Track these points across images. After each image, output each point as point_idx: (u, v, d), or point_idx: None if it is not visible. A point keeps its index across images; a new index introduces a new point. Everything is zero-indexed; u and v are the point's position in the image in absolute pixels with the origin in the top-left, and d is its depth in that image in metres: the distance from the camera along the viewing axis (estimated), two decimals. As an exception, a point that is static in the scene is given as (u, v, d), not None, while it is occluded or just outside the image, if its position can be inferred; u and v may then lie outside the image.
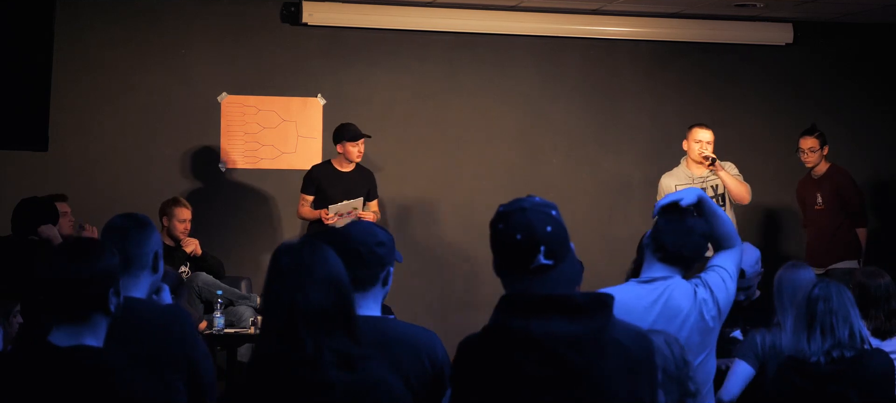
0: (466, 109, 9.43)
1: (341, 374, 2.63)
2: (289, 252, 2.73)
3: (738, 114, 9.78)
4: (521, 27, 9.38)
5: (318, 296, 2.67)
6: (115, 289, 2.85)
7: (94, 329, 2.82)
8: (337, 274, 2.72)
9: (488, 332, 2.72)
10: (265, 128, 9.12)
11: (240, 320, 7.72)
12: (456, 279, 9.31)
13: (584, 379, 2.64)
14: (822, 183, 8.47)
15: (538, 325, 2.63)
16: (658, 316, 3.78)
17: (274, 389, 2.66)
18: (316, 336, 2.64)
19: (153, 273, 3.51)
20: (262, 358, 2.72)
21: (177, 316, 3.55)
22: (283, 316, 2.66)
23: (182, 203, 8.02)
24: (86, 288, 2.80)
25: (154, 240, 3.56)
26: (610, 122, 9.65)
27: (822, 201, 8.44)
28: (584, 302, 2.67)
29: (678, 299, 3.81)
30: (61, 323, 2.80)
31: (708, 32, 9.65)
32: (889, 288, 5.12)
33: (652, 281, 3.84)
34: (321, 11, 9.02)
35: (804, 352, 4.23)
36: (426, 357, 3.63)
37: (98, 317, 2.83)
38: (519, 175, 9.49)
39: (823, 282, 4.33)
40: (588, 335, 2.65)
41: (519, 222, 2.75)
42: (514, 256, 2.73)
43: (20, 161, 8.32)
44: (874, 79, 10.04)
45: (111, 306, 2.84)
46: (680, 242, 3.83)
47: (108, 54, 8.81)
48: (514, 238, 2.74)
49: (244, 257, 9.02)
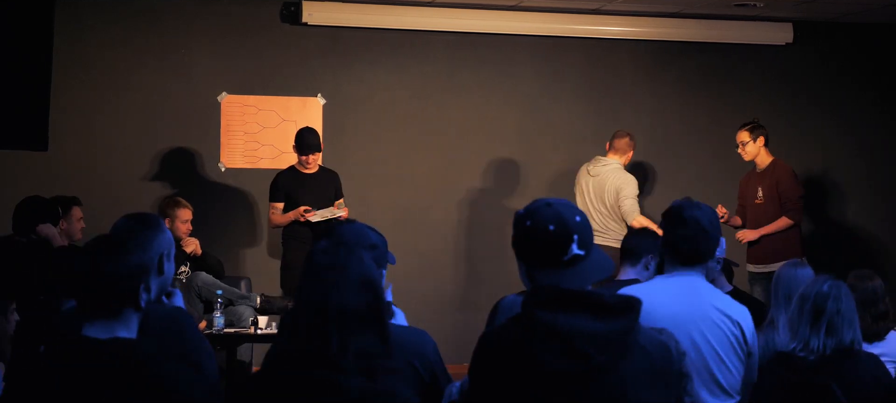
0: (466, 109, 9.43)
1: (359, 380, 2.64)
2: (325, 252, 2.75)
3: (738, 114, 9.77)
4: (521, 27, 9.37)
5: (353, 296, 2.68)
6: (145, 285, 2.93)
7: (127, 322, 2.90)
8: (371, 275, 2.74)
9: (512, 323, 2.75)
10: (265, 128, 9.12)
11: (239, 320, 7.72)
12: (456, 279, 9.31)
13: (604, 377, 2.68)
14: (764, 177, 8.29)
15: (564, 319, 2.68)
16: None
17: (288, 388, 2.66)
18: (343, 335, 2.65)
19: (158, 275, 3.50)
20: (281, 356, 2.72)
21: (179, 318, 3.56)
22: (315, 313, 2.67)
23: (183, 203, 8.02)
24: (120, 282, 2.89)
25: (159, 242, 3.51)
26: (610, 122, 9.63)
27: (762, 195, 8.25)
28: (613, 302, 2.72)
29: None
30: (95, 318, 2.89)
31: (708, 32, 9.65)
32: (877, 290, 5.13)
33: (677, 276, 3.99)
34: (321, 11, 9.02)
35: (800, 347, 4.20)
36: (417, 361, 3.63)
37: (129, 312, 2.91)
38: (519, 175, 9.49)
39: (835, 282, 4.30)
40: (612, 334, 2.69)
41: (549, 215, 2.80)
42: (547, 249, 2.78)
43: (20, 161, 8.32)
44: (874, 80, 10.04)
45: (141, 301, 2.92)
46: (689, 240, 3.95)
47: (108, 54, 8.81)
48: (547, 229, 2.78)
49: (244, 257, 9.03)
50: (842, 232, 9.95)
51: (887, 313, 5.12)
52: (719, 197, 8.53)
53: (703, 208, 3.99)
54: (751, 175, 8.43)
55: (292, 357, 2.68)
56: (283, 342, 2.75)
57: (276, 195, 8.24)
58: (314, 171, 8.25)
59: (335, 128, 9.09)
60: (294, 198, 8.15)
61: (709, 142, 9.58)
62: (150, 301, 3.44)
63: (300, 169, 8.24)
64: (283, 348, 2.73)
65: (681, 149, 9.72)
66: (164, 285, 3.52)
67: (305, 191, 8.17)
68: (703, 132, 9.58)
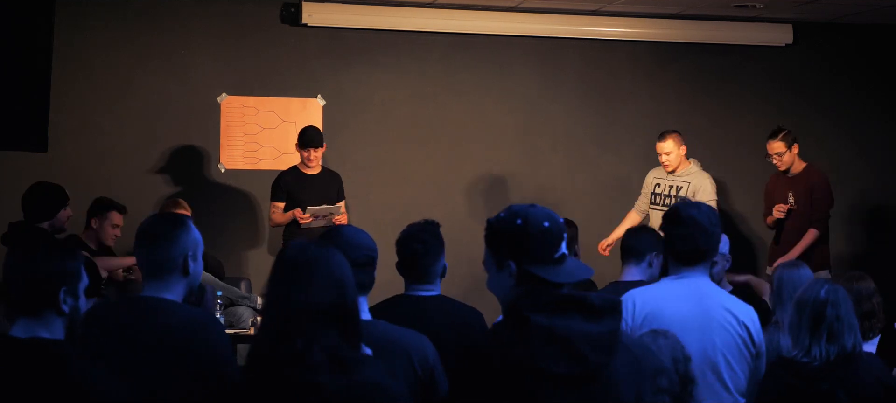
0: (466, 109, 9.43)
1: (333, 377, 2.62)
2: (294, 249, 2.75)
3: (738, 115, 9.79)
4: (520, 28, 9.38)
5: (317, 293, 2.67)
6: (68, 290, 2.99)
7: (49, 325, 2.97)
8: (341, 274, 2.72)
9: (504, 328, 2.78)
10: (265, 129, 9.12)
11: (239, 320, 7.71)
12: (455, 279, 9.29)
13: (599, 378, 2.74)
14: (797, 182, 8.19)
15: (560, 322, 2.73)
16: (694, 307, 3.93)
17: (263, 391, 2.66)
18: (308, 334, 2.63)
19: (183, 275, 3.48)
20: (254, 359, 2.71)
21: (205, 322, 3.47)
22: (280, 312, 2.66)
23: (182, 205, 8.02)
24: (38, 286, 2.96)
25: (184, 242, 3.48)
26: (609, 123, 9.65)
27: (793, 200, 8.11)
28: (600, 303, 2.77)
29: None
30: (20, 318, 2.98)
31: (708, 33, 9.65)
32: (863, 291, 5.13)
33: (683, 278, 3.99)
34: (321, 12, 9.02)
35: (803, 354, 4.19)
36: (417, 362, 3.63)
37: (50, 314, 2.97)
38: (519, 175, 9.49)
39: (832, 286, 4.27)
40: (604, 335, 2.75)
41: (541, 213, 2.87)
42: (543, 245, 2.84)
43: (20, 161, 8.32)
44: (874, 80, 10.04)
45: (63, 306, 2.97)
46: (689, 238, 3.95)
47: (107, 54, 8.81)
48: (542, 225, 2.85)
49: (244, 257, 9.03)
50: (841, 233, 9.95)
51: (873, 312, 5.12)
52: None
53: (701, 207, 3.99)
54: (779, 178, 8.32)
55: (263, 357, 2.68)
56: (256, 341, 2.76)
57: (277, 194, 8.25)
58: (317, 172, 8.26)
59: (335, 128, 9.08)
60: (296, 198, 8.16)
61: (709, 143, 9.57)
62: (178, 303, 3.43)
63: (303, 169, 8.25)
64: (256, 348, 2.74)
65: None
66: (191, 284, 3.50)
67: (307, 192, 8.17)
68: (702, 133, 9.57)
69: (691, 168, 8.37)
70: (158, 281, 3.44)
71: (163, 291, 3.44)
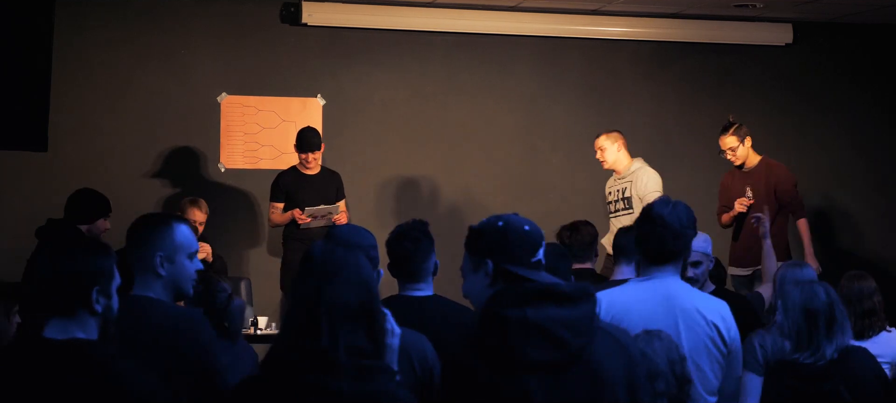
0: (466, 109, 9.43)
1: (352, 384, 2.64)
2: (321, 249, 2.77)
3: (738, 115, 9.77)
4: (521, 28, 9.38)
5: (347, 293, 2.69)
6: (100, 289, 2.94)
7: (83, 324, 2.92)
8: (368, 276, 2.76)
9: (479, 328, 2.80)
10: (265, 129, 9.12)
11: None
12: (455, 279, 9.28)
13: (582, 360, 2.79)
14: (754, 175, 7.96)
15: (533, 312, 2.78)
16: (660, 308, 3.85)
17: (281, 393, 2.66)
18: (334, 329, 2.65)
19: (158, 276, 3.48)
20: (274, 358, 2.71)
21: (190, 320, 3.49)
22: (308, 307, 2.68)
23: (198, 204, 7.97)
24: (69, 285, 2.91)
25: (155, 243, 3.48)
26: (610, 123, 9.62)
27: (751, 195, 7.82)
28: (571, 291, 2.84)
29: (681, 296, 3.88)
30: (52, 318, 2.91)
31: (708, 33, 9.65)
32: (864, 290, 5.14)
33: (650, 279, 3.90)
34: (321, 11, 9.02)
35: (811, 355, 4.21)
36: (416, 362, 3.63)
37: (84, 314, 2.92)
38: (519, 175, 9.49)
39: (824, 286, 4.31)
40: (582, 319, 2.81)
41: (521, 219, 2.95)
42: (520, 247, 2.92)
43: (20, 161, 8.32)
44: (874, 79, 10.04)
45: (96, 306, 2.92)
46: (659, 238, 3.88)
47: (107, 54, 8.81)
48: (523, 228, 2.93)
49: (244, 257, 9.02)
50: (841, 232, 9.95)
51: (873, 310, 5.13)
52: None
53: (678, 206, 3.88)
54: (734, 174, 8.11)
55: (284, 359, 2.68)
56: (278, 340, 2.76)
57: (276, 194, 8.25)
58: (316, 172, 8.26)
59: (335, 128, 9.08)
60: (295, 198, 8.16)
61: (708, 142, 9.55)
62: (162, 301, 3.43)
63: (302, 169, 8.25)
64: (277, 347, 2.74)
65: (680, 150, 9.71)
66: (175, 285, 3.50)
67: (306, 192, 8.17)
68: (702, 133, 9.57)
69: (633, 166, 8.15)
70: (139, 278, 3.49)
71: (145, 290, 3.49)
